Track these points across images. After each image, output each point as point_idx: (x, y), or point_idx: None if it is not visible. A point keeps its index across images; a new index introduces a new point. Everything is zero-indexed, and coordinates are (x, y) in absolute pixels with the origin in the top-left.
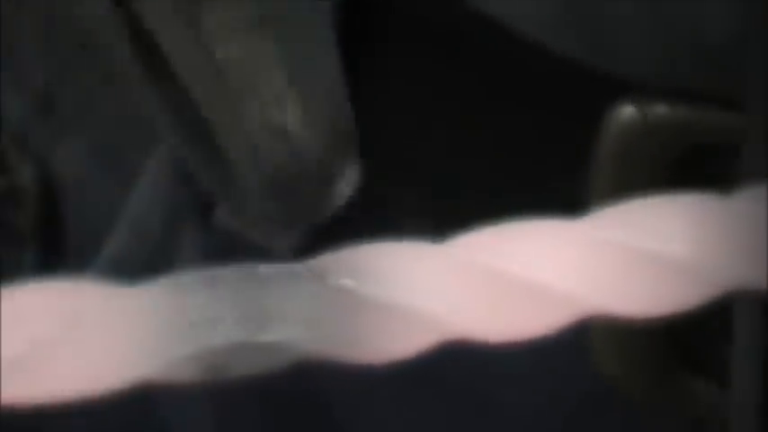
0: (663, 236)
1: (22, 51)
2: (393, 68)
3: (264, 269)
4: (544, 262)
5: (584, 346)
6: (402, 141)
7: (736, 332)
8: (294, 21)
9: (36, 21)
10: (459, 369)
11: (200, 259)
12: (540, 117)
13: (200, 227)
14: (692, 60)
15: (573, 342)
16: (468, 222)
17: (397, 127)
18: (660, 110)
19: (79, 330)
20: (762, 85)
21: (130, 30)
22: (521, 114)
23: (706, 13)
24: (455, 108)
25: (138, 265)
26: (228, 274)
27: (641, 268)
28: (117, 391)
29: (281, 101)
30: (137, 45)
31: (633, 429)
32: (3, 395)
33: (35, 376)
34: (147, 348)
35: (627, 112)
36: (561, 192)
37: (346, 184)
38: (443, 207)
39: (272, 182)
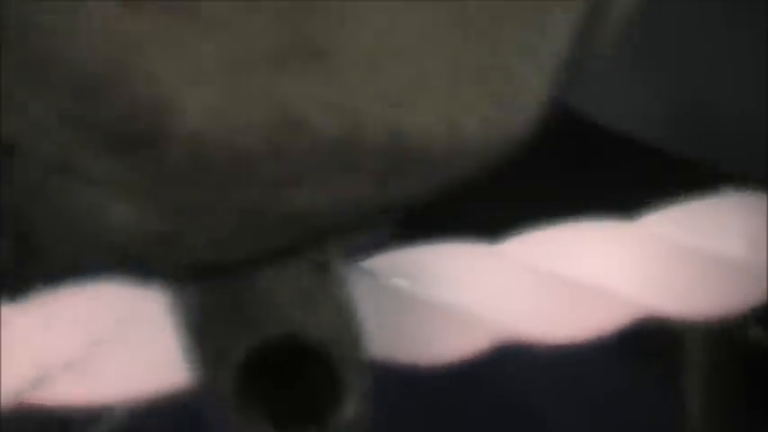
0: (717, 234)
1: None
2: None
3: None
4: (597, 262)
5: (625, 360)
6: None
7: None
8: None
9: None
10: (501, 379)
11: None
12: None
13: None
14: None
15: (613, 356)
16: None
17: None
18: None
19: (136, 331)
20: None
21: None
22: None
23: None
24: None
25: None
26: None
27: (695, 267)
28: (172, 391)
29: None
30: None
31: None
32: (61, 396)
33: (92, 376)
34: None
35: None
36: None
37: None
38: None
39: None
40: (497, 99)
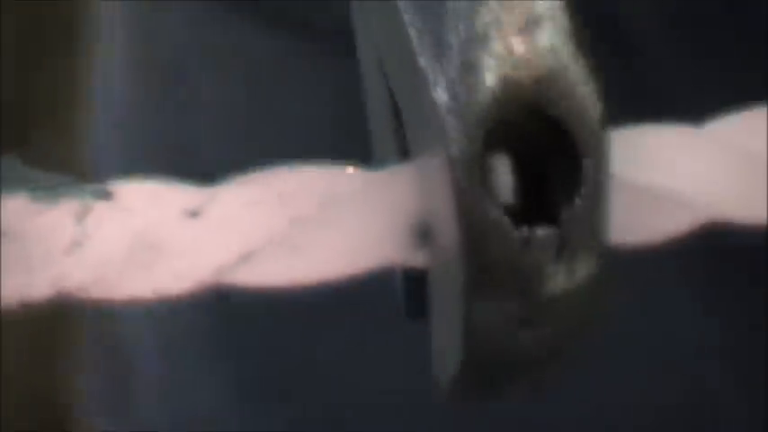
0: None
1: None
2: None
3: None
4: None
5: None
6: None
7: None
8: None
9: None
10: None
11: None
12: None
13: None
14: None
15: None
16: None
17: None
18: None
19: (335, 211)
20: None
21: None
22: None
23: None
24: None
25: None
26: None
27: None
28: (368, 271)
29: None
30: None
31: None
32: (264, 275)
33: (296, 256)
34: (398, 232)
35: None
36: None
37: None
38: None
39: None
40: None
